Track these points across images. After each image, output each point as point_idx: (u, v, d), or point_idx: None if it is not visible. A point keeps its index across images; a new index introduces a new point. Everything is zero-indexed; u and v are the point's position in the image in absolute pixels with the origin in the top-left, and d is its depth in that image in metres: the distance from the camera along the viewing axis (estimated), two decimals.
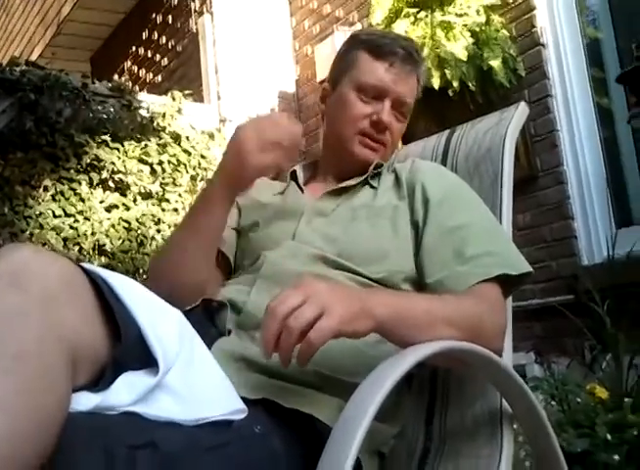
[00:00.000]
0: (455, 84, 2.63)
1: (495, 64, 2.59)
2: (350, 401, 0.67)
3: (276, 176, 1.18)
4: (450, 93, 2.66)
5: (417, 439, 0.97)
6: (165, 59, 4.60)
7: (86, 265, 0.67)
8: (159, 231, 3.12)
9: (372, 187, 1.08)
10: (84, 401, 0.62)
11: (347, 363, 0.85)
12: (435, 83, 2.63)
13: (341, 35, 3.44)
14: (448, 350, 0.78)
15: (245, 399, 0.76)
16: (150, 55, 4.80)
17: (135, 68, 5.00)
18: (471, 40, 2.66)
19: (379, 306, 0.76)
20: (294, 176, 1.16)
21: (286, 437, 0.77)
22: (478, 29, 2.66)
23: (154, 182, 3.19)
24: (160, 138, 3.30)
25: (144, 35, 4.83)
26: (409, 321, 0.78)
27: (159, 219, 3.16)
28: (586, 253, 2.53)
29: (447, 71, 2.63)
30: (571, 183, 2.60)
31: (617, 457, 1.54)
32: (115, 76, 4.97)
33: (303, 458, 0.76)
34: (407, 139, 1.33)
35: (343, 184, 1.09)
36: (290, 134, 0.96)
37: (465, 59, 2.60)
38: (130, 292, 0.68)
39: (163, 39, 4.60)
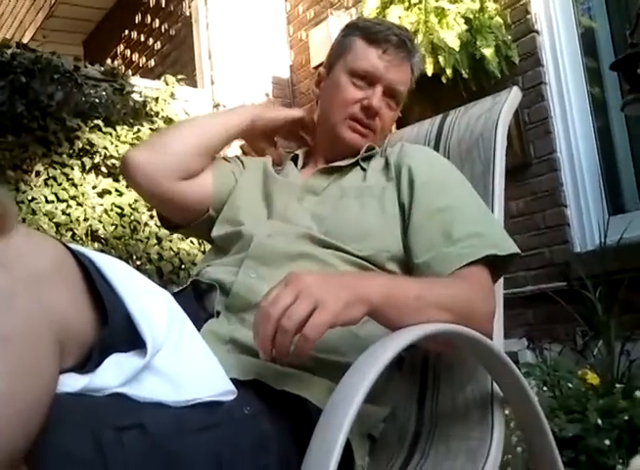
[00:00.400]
0: (448, 72, 2.63)
1: (488, 52, 2.59)
2: (341, 384, 0.66)
3: (279, 162, 1.20)
4: (444, 80, 2.65)
5: (408, 422, 0.97)
6: (158, 43, 4.56)
7: (74, 247, 0.67)
8: (152, 217, 3.11)
9: (362, 169, 1.09)
10: (71, 383, 0.62)
11: (337, 344, 0.85)
12: (429, 70, 2.62)
13: (335, 20, 3.41)
14: (439, 332, 0.78)
15: (234, 381, 0.76)
16: (143, 39, 4.76)
17: (128, 51, 4.96)
18: (464, 27, 2.65)
19: (371, 291, 0.76)
20: (294, 159, 1.18)
21: (276, 418, 0.77)
22: (472, 16, 2.65)
23: None
24: (153, 123, 3.28)
25: (137, 19, 4.78)
26: (401, 304, 0.79)
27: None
28: (579, 240, 2.54)
29: (441, 59, 2.63)
30: (565, 170, 2.61)
31: (607, 442, 1.56)
32: (108, 60, 4.94)
33: (294, 440, 0.76)
34: (402, 125, 1.33)
35: (336, 164, 1.10)
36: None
37: (457, 48, 2.59)
38: (119, 274, 0.67)
39: (157, 23, 4.55)
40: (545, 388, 1.77)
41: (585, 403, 1.63)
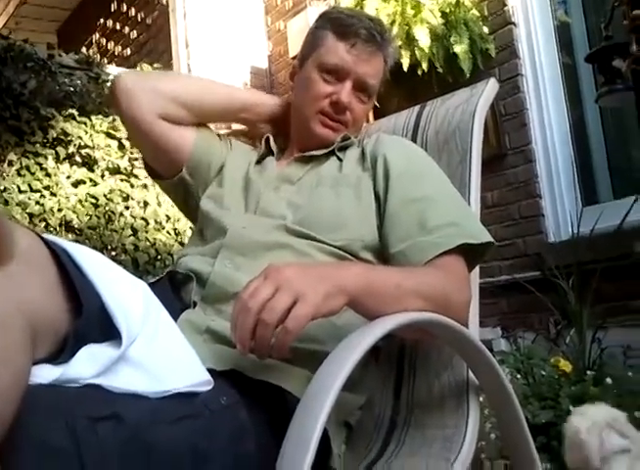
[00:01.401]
0: (424, 65, 2.64)
1: (460, 50, 2.60)
2: (318, 373, 0.67)
3: (252, 140, 1.21)
4: (419, 73, 2.66)
5: (384, 410, 0.98)
6: (134, 31, 4.50)
7: (48, 237, 0.66)
8: (127, 208, 3.08)
9: (339, 159, 1.10)
10: (45, 374, 0.61)
11: (315, 333, 0.85)
12: (405, 62, 2.63)
13: (314, 10, 3.39)
14: (416, 321, 0.79)
15: (211, 372, 0.76)
16: (118, 27, 4.69)
17: (103, 40, 4.89)
18: (441, 21, 2.66)
19: (350, 281, 0.77)
20: (267, 143, 1.17)
21: (253, 408, 0.78)
22: (448, 10, 2.66)
23: (122, 157, 3.14)
24: None
25: (112, 7, 4.71)
26: (380, 294, 0.79)
27: (127, 195, 3.11)
28: (553, 230, 2.58)
29: (417, 51, 2.64)
30: (539, 162, 2.64)
31: None
32: (83, 49, 4.86)
33: (271, 429, 0.76)
34: (380, 115, 1.34)
35: (311, 153, 1.11)
36: None
37: (428, 45, 2.60)
38: (93, 264, 0.67)
39: (132, 11, 4.49)
40: (519, 375, 1.80)
41: (558, 390, 1.66)
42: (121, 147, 3.14)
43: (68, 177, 3.00)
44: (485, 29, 2.69)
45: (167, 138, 1.12)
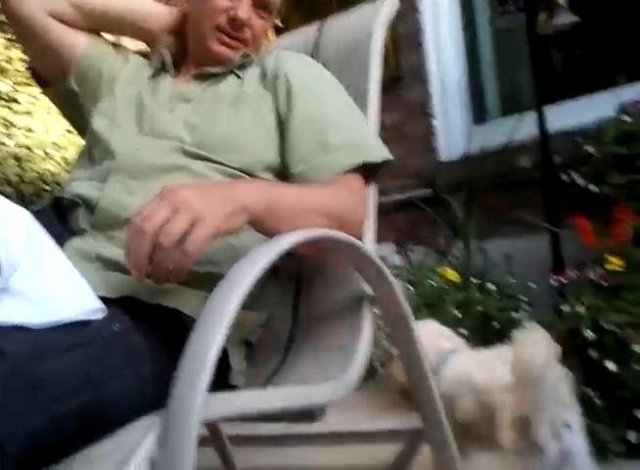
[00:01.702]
0: None
1: None
2: (215, 292, 0.64)
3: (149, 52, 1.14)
4: None
5: (284, 326, 1.00)
6: None
7: None
8: (9, 136, 2.85)
9: (238, 77, 1.06)
10: None
11: (213, 255, 0.84)
12: None
13: None
14: (315, 238, 0.79)
15: (105, 300, 0.73)
16: None
17: None
18: None
19: (252, 199, 0.76)
20: (161, 58, 1.10)
21: (148, 333, 0.76)
22: None
23: (2, 81, 2.88)
24: (9, 32, 2.94)
25: None
26: (281, 211, 0.79)
27: (10, 122, 2.87)
28: (444, 149, 2.68)
29: None
30: (433, 82, 2.70)
31: (464, 331, 1.73)
32: None
33: (168, 353, 0.74)
34: (281, 33, 1.30)
35: (210, 69, 1.06)
36: None
37: None
38: None
39: None
40: (411, 287, 1.91)
41: (445, 298, 1.79)
42: (1, 70, 2.87)
43: None
44: None
45: (60, 41, 1.05)
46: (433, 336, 1.20)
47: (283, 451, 1.68)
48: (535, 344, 1.11)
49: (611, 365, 1.35)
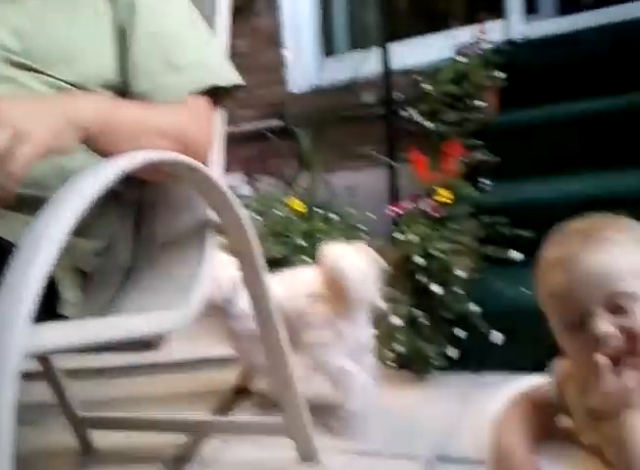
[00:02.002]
0: None
1: None
2: (40, 215, 0.60)
3: None
4: None
5: (124, 254, 0.97)
6: None
7: None
8: None
9: None
10: None
11: (38, 176, 0.77)
12: None
13: None
14: (154, 160, 0.75)
15: None
16: None
17: None
18: None
19: (86, 115, 0.71)
20: None
21: None
22: None
23: None
24: None
25: None
26: (119, 130, 0.75)
27: None
28: (294, 81, 2.68)
29: None
30: (285, 12, 2.66)
31: (308, 259, 1.79)
32: None
33: None
34: None
35: None
36: None
37: None
38: None
39: None
40: (259, 217, 1.94)
41: (291, 228, 1.84)
42: None
43: None
44: None
45: None
46: (226, 265, 1.21)
47: (121, 382, 1.68)
48: (341, 253, 1.21)
49: (436, 288, 1.48)
